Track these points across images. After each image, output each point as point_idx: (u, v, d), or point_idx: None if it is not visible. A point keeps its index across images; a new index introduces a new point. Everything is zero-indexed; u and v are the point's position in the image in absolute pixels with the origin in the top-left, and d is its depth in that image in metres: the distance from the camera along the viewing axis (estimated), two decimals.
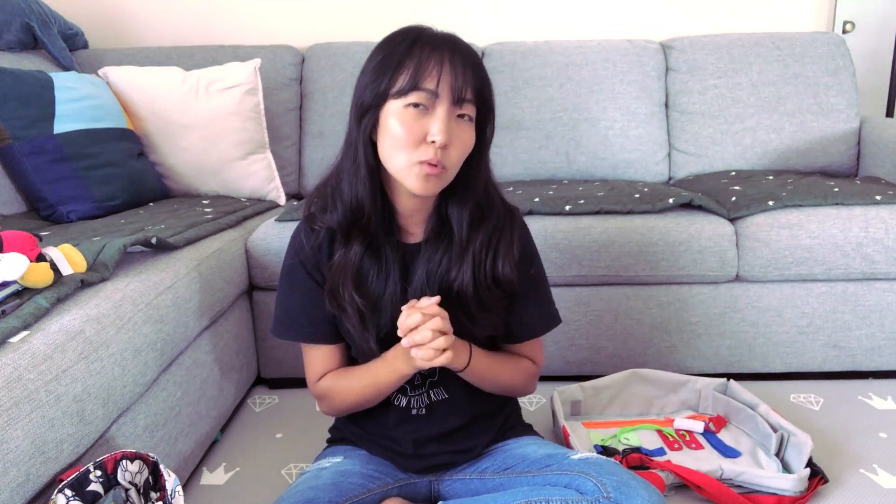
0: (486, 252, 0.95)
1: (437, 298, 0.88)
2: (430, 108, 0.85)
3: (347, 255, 0.94)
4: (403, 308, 0.88)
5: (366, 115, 0.88)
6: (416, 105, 0.84)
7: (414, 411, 1.02)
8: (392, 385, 0.96)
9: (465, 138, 0.88)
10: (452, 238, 0.95)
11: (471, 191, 0.94)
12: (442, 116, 0.84)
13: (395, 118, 0.85)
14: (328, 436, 1.15)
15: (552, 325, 1.07)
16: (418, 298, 0.91)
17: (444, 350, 0.86)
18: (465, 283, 0.94)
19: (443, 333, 0.85)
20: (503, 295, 0.98)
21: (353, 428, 1.08)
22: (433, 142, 0.84)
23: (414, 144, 0.85)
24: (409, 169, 0.86)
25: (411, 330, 0.85)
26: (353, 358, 1.04)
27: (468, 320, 0.96)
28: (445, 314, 0.87)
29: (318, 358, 1.02)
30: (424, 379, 1.01)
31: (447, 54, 0.85)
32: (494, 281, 0.96)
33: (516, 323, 1.03)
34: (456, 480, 1.04)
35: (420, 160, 0.85)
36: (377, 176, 0.92)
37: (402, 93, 0.84)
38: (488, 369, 0.99)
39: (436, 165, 0.85)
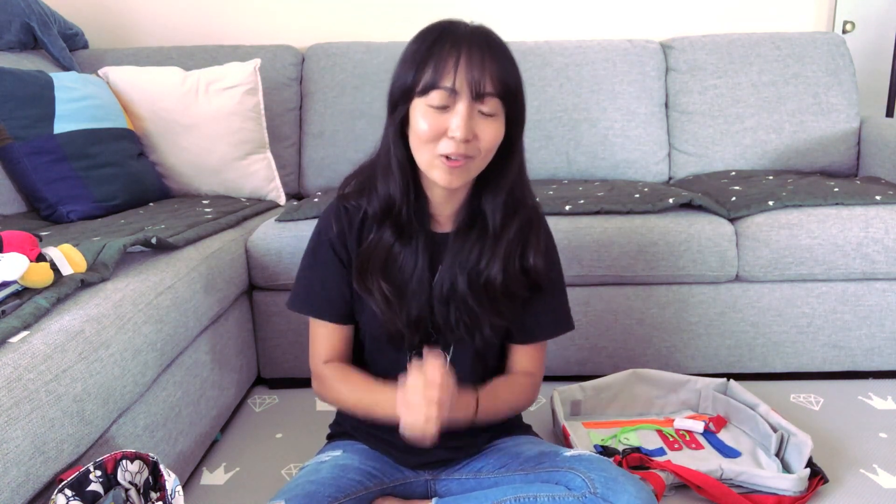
0: (517, 242, 0.98)
1: (441, 365, 0.83)
2: (452, 105, 0.87)
3: (378, 241, 0.97)
4: (409, 372, 0.84)
5: (396, 108, 0.92)
6: (437, 105, 0.86)
7: None
8: (382, 417, 0.94)
9: (490, 131, 0.89)
10: (485, 229, 0.97)
11: (503, 182, 0.96)
12: (461, 112, 0.85)
13: (419, 115, 0.88)
14: (328, 432, 1.16)
15: (563, 329, 1.08)
16: (444, 288, 0.96)
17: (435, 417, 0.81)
18: (494, 273, 0.96)
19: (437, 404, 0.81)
20: (528, 286, 1.00)
21: (352, 420, 1.09)
22: (453, 137, 0.86)
23: (435, 139, 0.87)
24: (432, 163, 0.89)
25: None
26: (357, 343, 1.05)
27: (491, 309, 0.97)
28: (448, 385, 0.83)
29: (324, 336, 1.03)
30: None
31: (464, 50, 0.86)
32: (523, 271, 0.98)
33: (528, 322, 1.04)
34: (452, 480, 1.05)
35: (441, 153, 0.87)
36: (408, 169, 0.94)
37: (424, 92, 0.87)
38: (494, 407, 1.01)
39: (458, 159, 0.87)
